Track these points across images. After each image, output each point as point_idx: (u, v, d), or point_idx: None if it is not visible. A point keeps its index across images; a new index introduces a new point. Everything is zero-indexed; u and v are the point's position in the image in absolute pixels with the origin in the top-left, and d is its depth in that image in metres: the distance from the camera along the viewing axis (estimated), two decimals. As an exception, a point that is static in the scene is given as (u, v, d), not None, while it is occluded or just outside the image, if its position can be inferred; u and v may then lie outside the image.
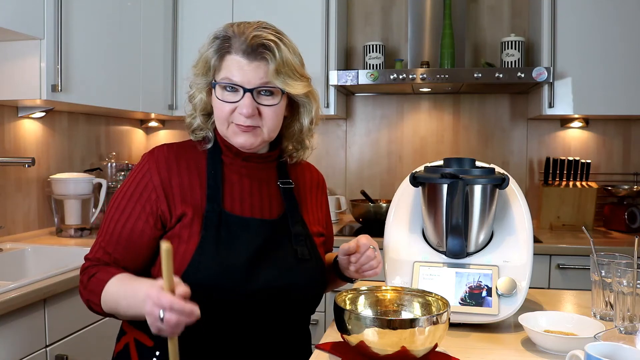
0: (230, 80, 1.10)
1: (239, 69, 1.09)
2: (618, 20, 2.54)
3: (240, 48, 1.09)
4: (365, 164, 3.16)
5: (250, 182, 1.18)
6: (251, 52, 1.08)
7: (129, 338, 1.18)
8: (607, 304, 1.25)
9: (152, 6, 2.68)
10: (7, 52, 1.99)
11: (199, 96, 1.17)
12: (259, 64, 1.09)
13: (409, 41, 2.86)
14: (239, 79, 1.09)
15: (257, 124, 1.12)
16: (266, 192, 1.19)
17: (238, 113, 1.10)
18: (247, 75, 1.09)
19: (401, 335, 0.92)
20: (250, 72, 1.09)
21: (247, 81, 1.09)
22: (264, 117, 1.12)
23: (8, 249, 2.03)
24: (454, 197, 1.16)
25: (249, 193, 1.17)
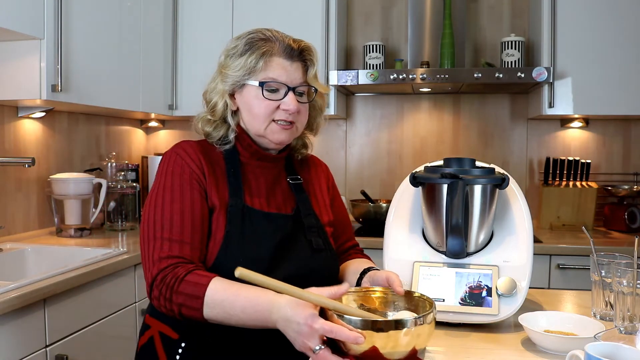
0: (276, 80, 1.18)
1: (283, 69, 1.18)
2: (618, 20, 2.54)
3: (283, 51, 1.18)
4: (365, 164, 3.16)
5: (265, 179, 1.25)
6: (293, 54, 1.19)
7: (154, 331, 1.21)
8: (607, 304, 1.25)
9: (152, 6, 2.68)
10: (7, 52, 1.99)
11: (224, 100, 1.22)
12: (298, 65, 1.20)
13: (409, 41, 2.86)
14: (284, 78, 1.18)
15: (295, 120, 1.21)
16: (279, 189, 1.26)
17: (282, 110, 1.18)
18: (290, 76, 1.18)
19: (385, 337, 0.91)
20: (293, 72, 1.19)
21: (290, 81, 1.19)
22: (301, 114, 1.22)
23: (8, 249, 2.03)
24: (454, 197, 1.16)
25: (266, 189, 1.24)
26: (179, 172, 1.17)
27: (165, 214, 1.13)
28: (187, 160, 1.18)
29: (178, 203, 1.14)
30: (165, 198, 1.14)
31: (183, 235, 1.11)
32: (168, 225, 1.11)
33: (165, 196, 1.15)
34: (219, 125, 1.24)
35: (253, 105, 1.19)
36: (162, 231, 1.11)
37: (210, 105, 1.24)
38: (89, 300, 1.79)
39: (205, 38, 2.85)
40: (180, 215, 1.12)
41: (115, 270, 1.91)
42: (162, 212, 1.13)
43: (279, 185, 1.27)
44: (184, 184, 1.16)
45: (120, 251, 2.02)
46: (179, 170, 1.17)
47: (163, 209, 1.13)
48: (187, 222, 1.12)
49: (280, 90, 1.18)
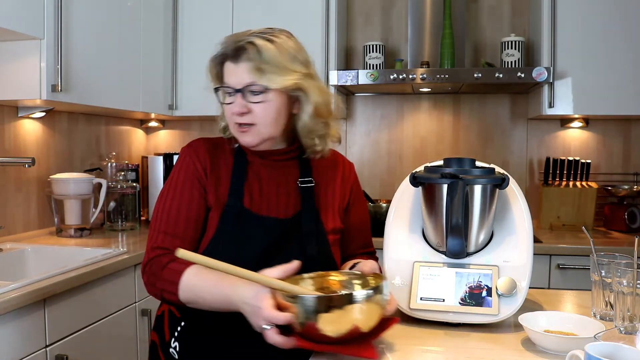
0: (225, 84, 1.19)
1: (231, 72, 1.18)
2: (618, 20, 2.54)
3: (229, 54, 1.18)
4: (365, 164, 3.16)
5: (270, 180, 1.25)
6: (235, 56, 1.17)
7: (165, 307, 1.29)
8: (607, 304, 1.25)
9: (152, 6, 2.68)
10: (7, 52, 1.99)
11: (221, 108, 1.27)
12: (245, 64, 1.16)
13: (409, 41, 2.86)
14: (232, 81, 1.18)
15: (252, 121, 1.18)
16: (284, 191, 1.25)
17: (232, 113, 1.19)
18: (236, 77, 1.17)
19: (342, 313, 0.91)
20: (239, 72, 1.16)
21: (236, 82, 1.17)
22: (255, 114, 1.17)
23: (8, 249, 2.03)
24: (454, 197, 1.16)
25: (268, 191, 1.24)
26: (184, 168, 1.24)
27: (165, 208, 1.21)
28: (194, 158, 1.24)
29: (177, 199, 1.21)
30: (169, 193, 1.23)
31: (176, 229, 1.19)
32: (165, 219, 1.20)
33: (170, 191, 1.23)
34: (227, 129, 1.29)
35: (224, 111, 1.24)
36: (160, 224, 1.20)
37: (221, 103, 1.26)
38: (89, 300, 1.79)
39: (206, 38, 2.85)
40: (177, 211, 1.20)
41: (115, 270, 1.91)
42: (164, 205, 1.21)
43: (285, 187, 1.25)
44: (187, 181, 1.23)
45: (120, 251, 2.02)
46: (185, 167, 1.24)
47: (165, 203, 1.22)
48: (182, 218, 1.19)
49: (232, 93, 1.18)
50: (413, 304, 1.21)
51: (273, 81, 1.15)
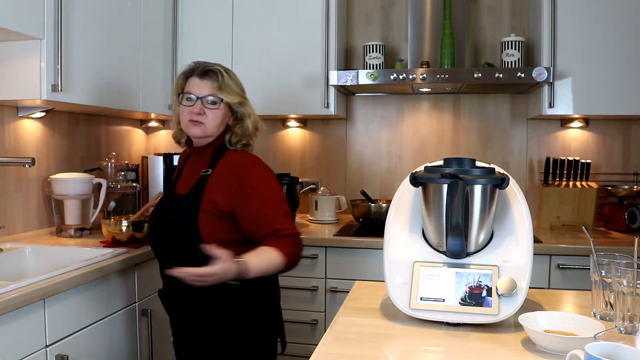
0: (189, 92, 1.66)
1: (195, 85, 1.65)
2: (618, 20, 2.54)
3: (197, 72, 1.67)
4: (365, 164, 3.16)
5: (191, 167, 1.74)
6: (204, 75, 1.66)
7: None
8: (607, 304, 1.26)
9: (152, 6, 2.68)
10: (7, 52, 1.99)
11: (176, 110, 1.72)
12: (207, 82, 1.65)
13: (409, 41, 2.86)
14: (195, 91, 1.65)
15: (203, 120, 1.65)
16: (192, 176, 1.70)
17: (190, 112, 1.64)
18: (199, 89, 1.65)
19: None
20: (202, 86, 1.65)
21: (199, 92, 1.65)
22: (208, 116, 1.65)
23: (8, 249, 2.03)
24: (454, 197, 1.16)
25: (188, 176, 1.73)
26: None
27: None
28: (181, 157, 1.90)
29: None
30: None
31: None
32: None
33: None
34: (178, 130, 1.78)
35: (180, 111, 1.68)
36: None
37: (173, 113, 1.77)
38: (89, 300, 1.79)
39: (205, 38, 2.86)
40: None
41: (115, 270, 1.91)
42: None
43: (194, 173, 1.69)
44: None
45: (120, 251, 2.02)
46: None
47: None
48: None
49: (193, 100, 1.64)
50: (413, 304, 1.22)
51: (228, 97, 1.65)
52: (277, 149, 3.22)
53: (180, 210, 1.64)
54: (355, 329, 1.21)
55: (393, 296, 1.25)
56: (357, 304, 1.41)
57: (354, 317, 1.29)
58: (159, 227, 1.69)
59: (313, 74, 2.78)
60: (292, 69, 2.79)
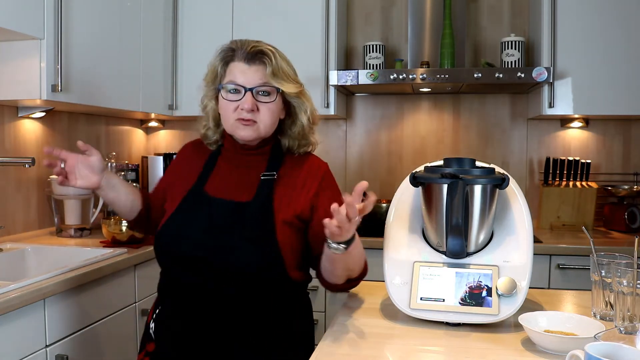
0: (234, 82, 1.30)
1: (241, 72, 1.30)
2: (618, 20, 2.54)
3: (242, 56, 1.31)
4: (365, 164, 3.16)
5: (237, 170, 1.38)
6: (251, 59, 1.30)
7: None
8: (607, 304, 1.25)
9: (152, 6, 2.68)
10: (7, 52, 1.99)
11: (210, 105, 1.39)
12: (257, 67, 1.30)
13: (409, 41, 2.86)
14: (241, 80, 1.30)
15: (256, 118, 1.31)
16: (247, 180, 1.35)
17: (240, 109, 1.30)
18: (248, 78, 1.30)
19: None
20: (251, 74, 1.30)
21: (248, 82, 1.29)
22: (261, 112, 1.31)
23: (8, 249, 2.03)
24: (454, 197, 1.16)
25: (230, 178, 1.37)
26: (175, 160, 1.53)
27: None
28: (179, 153, 1.53)
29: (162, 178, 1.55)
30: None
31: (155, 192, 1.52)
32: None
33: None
34: (211, 129, 1.43)
35: (221, 107, 1.34)
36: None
37: (203, 108, 1.43)
38: (89, 300, 1.79)
39: (205, 38, 2.85)
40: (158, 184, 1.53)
41: (115, 270, 1.91)
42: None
43: (248, 177, 1.36)
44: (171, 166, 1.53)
45: (120, 251, 2.02)
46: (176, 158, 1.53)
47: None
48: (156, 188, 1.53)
49: (240, 91, 1.30)
50: (413, 304, 1.22)
51: (284, 86, 1.31)
52: (277, 149, 3.22)
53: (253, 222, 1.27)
54: (355, 329, 1.21)
55: (393, 296, 1.25)
56: (357, 304, 1.41)
57: (354, 317, 1.29)
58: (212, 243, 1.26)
59: (313, 74, 2.77)
60: (292, 69, 2.78)
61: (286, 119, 1.39)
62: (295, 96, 1.34)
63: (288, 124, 1.39)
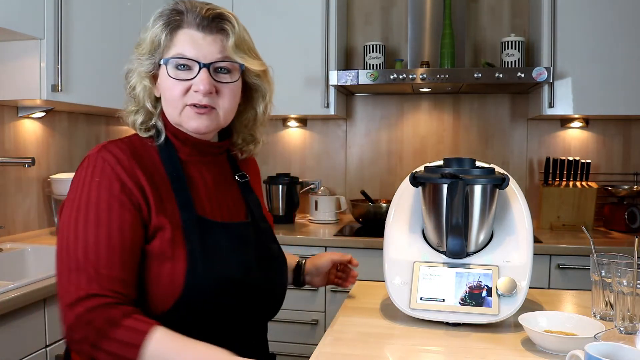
0: (183, 55, 1.01)
1: (193, 43, 1.01)
2: (618, 20, 2.54)
3: (194, 22, 1.01)
4: (365, 164, 3.16)
5: (212, 178, 1.10)
6: (207, 25, 1.01)
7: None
8: (607, 304, 1.25)
9: (152, 6, 2.68)
10: (7, 52, 1.99)
11: (143, 84, 1.05)
12: (215, 37, 1.02)
13: (409, 41, 2.86)
14: (194, 53, 1.00)
15: (214, 104, 1.03)
16: (226, 189, 1.13)
17: (194, 91, 1.01)
18: (203, 50, 1.01)
19: None
20: (207, 46, 1.01)
21: (203, 56, 1.01)
22: (222, 95, 1.03)
23: (8, 249, 2.03)
24: (454, 197, 1.16)
25: (214, 192, 1.09)
26: (106, 184, 0.96)
27: (89, 239, 0.93)
28: (118, 170, 0.97)
29: (105, 227, 0.94)
30: (89, 218, 0.94)
31: (112, 267, 0.92)
32: (93, 254, 0.92)
33: (89, 215, 0.94)
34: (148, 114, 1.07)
35: (164, 87, 1.03)
36: (87, 261, 0.92)
37: (129, 89, 1.07)
38: (89, 300, 1.79)
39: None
40: (108, 242, 0.93)
41: (115, 270, 1.91)
42: (86, 235, 0.93)
43: (225, 185, 1.12)
44: (113, 201, 0.95)
45: (120, 251, 2.02)
46: (107, 183, 0.96)
47: (86, 232, 0.93)
48: (115, 251, 0.93)
49: (192, 68, 1.01)
50: (413, 304, 1.21)
51: (248, 62, 1.04)
52: (277, 148, 3.22)
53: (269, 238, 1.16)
54: (355, 329, 1.21)
55: (393, 296, 1.25)
56: (357, 304, 1.40)
57: (354, 317, 1.29)
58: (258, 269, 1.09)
59: (313, 73, 2.77)
60: (292, 69, 2.78)
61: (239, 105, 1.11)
62: (257, 76, 1.09)
63: (238, 111, 1.12)
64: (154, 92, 1.07)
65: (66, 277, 0.92)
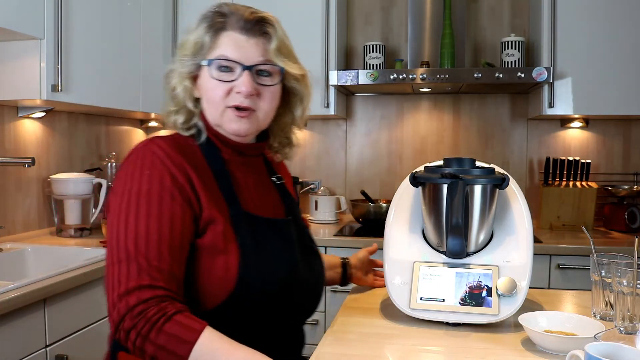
0: (226, 57, 1.03)
1: (236, 45, 1.03)
2: (618, 20, 2.54)
3: (237, 24, 1.04)
4: (365, 164, 3.16)
5: (252, 178, 1.12)
6: (250, 28, 1.04)
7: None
8: (607, 304, 1.25)
9: (152, 6, 2.68)
10: (7, 52, 1.99)
11: (183, 84, 1.06)
12: (257, 40, 1.04)
13: (409, 41, 2.86)
14: (237, 55, 1.02)
15: (254, 106, 1.05)
16: (266, 190, 1.15)
17: (235, 92, 1.03)
18: (246, 52, 1.03)
19: None
20: (249, 48, 1.03)
21: (246, 58, 1.03)
22: (262, 98, 1.05)
23: (8, 249, 2.03)
24: (454, 197, 1.16)
25: (255, 191, 1.11)
26: (157, 177, 0.97)
27: (140, 230, 0.93)
28: (167, 163, 0.98)
29: (155, 218, 0.94)
30: (140, 209, 0.95)
31: (162, 259, 0.93)
32: (144, 245, 0.92)
33: (140, 207, 0.95)
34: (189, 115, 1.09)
35: (206, 89, 1.05)
36: (137, 252, 0.92)
37: (170, 90, 1.09)
38: (89, 300, 1.79)
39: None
40: (158, 234, 0.93)
41: (115, 270, 1.91)
42: (137, 227, 0.93)
43: (263, 186, 1.14)
44: (164, 193, 0.96)
45: (120, 251, 2.02)
46: (158, 175, 0.97)
47: (137, 224, 0.94)
48: (165, 243, 0.93)
49: (234, 70, 1.03)
50: (413, 304, 1.21)
51: (289, 66, 1.06)
52: (277, 149, 3.22)
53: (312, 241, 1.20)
54: (355, 329, 1.21)
55: (393, 296, 1.25)
56: (357, 304, 1.40)
57: (354, 317, 1.29)
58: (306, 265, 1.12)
59: (313, 73, 2.75)
60: (292, 69, 2.78)
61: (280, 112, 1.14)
62: (296, 80, 1.10)
63: (276, 115, 1.14)
64: (194, 93, 1.08)
65: (117, 267, 0.93)
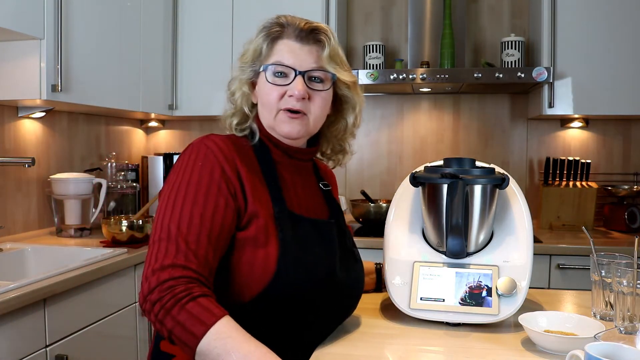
0: (281, 63, 1.10)
1: (291, 52, 1.10)
2: (618, 20, 2.54)
3: (293, 33, 1.12)
4: (365, 164, 3.16)
5: (300, 181, 1.17)
6: (304, 37, 1.11)
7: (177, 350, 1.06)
8: (607, 304, 1.25)
9: (152, 6, 2.68)
10: (7, 52, 1.99)
11: (242, 90, 1.14)
12: (311, 48, 1.11)
13: (409, 41, 2.86)
14: (291, 61, 1.09)
15: (306, 109, 1.10)
16: (312, 193, 1.20)
17: (288, 96, 1.09)
18: (300, 59, 1.10)
19: None
20: (303, 55, 1.10)
21: (299, 64, 1.09)
22: (314, 102, 1.11)
23: (8, 249, 2.03)
24: (454, 197, 1.16)
25: (302, 192, 1.16)
26: (208, 169, 1.03)
27: (184, 215, 0.99)
28: (220, 157, 1.04)
29: (200, 207, 1.00)
30: (188, 197, 1.00)
31: (199, 245, 0.97)
32: (185, 229, 0.97)
33: (188, 195, 1.01)
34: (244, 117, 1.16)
35: (262, 92, 1.12)
36: (178, 233, 0.97)
37: (230, 95, 1.17)
38: (89, 300, 1.79)
39: (205, 38, 2.85)
40: (200, 221, 0.98)
41: (115, 270, 1.91)
42: (181, 212, 0.99)
43: (310, 189, 1.19)
44: (213, 185, 1.02)
45: (120, 251, 2.02)
46: (209, 167, 1.03)
47: (182, 209, 0.99)
48: (205, 231, 0.98)
49: (289, 75, 1.09)
50: (413, 304, 1.21)
51: (340, 73, 1.12)
52: (277, 149, 3.22)
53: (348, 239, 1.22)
54: (355, 329, 1.21)
55: (393, 296, 1.25)
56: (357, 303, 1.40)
57: (354, 317, 1.29)
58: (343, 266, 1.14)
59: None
60: (292, 69, 2.78)
61: (330, 116, 1.19)
62: (347, 88, 1.16)
63: (327, 122, 1.19)
64: (252, 99, 1.15)
65: (157, 245, 0.97)
